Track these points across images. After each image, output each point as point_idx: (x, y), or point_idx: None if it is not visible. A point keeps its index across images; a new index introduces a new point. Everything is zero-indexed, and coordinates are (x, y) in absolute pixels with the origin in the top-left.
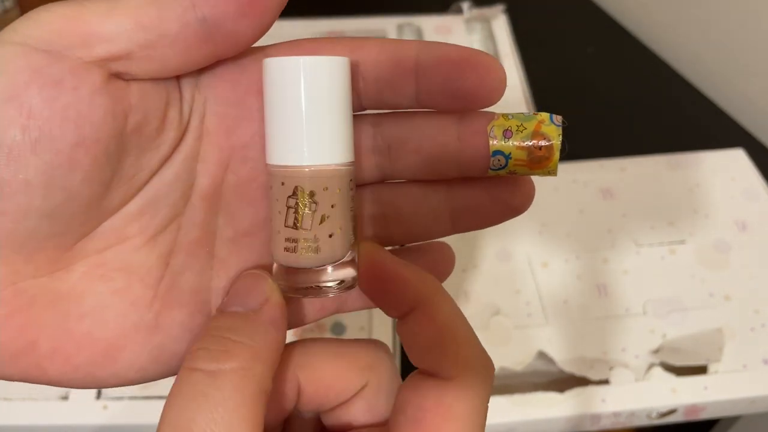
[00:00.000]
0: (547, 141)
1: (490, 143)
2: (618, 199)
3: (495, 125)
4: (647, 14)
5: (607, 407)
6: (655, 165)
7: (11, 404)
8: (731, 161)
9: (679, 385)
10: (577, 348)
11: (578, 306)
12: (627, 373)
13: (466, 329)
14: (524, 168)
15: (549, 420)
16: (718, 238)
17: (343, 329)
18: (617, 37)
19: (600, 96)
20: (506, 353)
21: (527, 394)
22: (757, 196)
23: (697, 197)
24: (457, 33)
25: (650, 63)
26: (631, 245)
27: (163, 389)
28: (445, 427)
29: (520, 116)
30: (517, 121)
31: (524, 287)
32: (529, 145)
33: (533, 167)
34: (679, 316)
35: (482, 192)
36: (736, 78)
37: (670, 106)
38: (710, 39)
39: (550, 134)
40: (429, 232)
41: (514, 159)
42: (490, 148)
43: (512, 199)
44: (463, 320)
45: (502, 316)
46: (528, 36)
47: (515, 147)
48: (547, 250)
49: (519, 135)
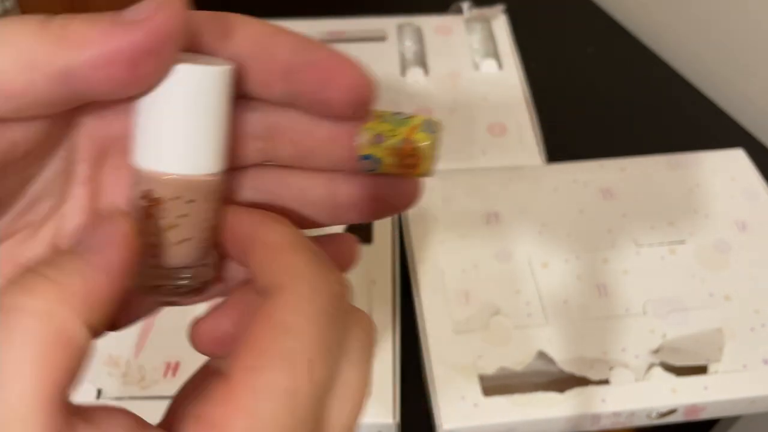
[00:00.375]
0: (417, 147)
1: (361, 147)
2: (618, 199)
3: (367, 128)
4: (647, 14)
5: (607, 407)
6: (655, 165)
7: None
8: (731, 161)
9: (679, 385)
10: (577, 348)
11: (578, 306)
12: (627, 373)
13: (298, 242)
14: (397, 170)
15: (549, 420)
16: (718, 238)
17: None
18: (617, 37)
19: (600, 96)
20: (506, 353)
21: (527, 394)
22: (757, 196)
23: (697, 197)
24: (457, 33)
25: (650, 63)
26: (631, 245)
27: (164, 389)
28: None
29: (395, 119)
30: (390, 125)
31: (524, 287)
32: (398, 149)
33: (404, 171)
34: (679, 316)
35: (361, 188)
36: (736, 78)
37: (670, 106)
38: (710, 39)
39: (419, 140)
40: (310, 221)
41: (384, 163)
42: (361, 151)
43: (392, 197)
44: (296, 237)
45: (502, 316)
46: (528, 36)
47: (385, 152)
48: (547, 250)
49: (390, 140)
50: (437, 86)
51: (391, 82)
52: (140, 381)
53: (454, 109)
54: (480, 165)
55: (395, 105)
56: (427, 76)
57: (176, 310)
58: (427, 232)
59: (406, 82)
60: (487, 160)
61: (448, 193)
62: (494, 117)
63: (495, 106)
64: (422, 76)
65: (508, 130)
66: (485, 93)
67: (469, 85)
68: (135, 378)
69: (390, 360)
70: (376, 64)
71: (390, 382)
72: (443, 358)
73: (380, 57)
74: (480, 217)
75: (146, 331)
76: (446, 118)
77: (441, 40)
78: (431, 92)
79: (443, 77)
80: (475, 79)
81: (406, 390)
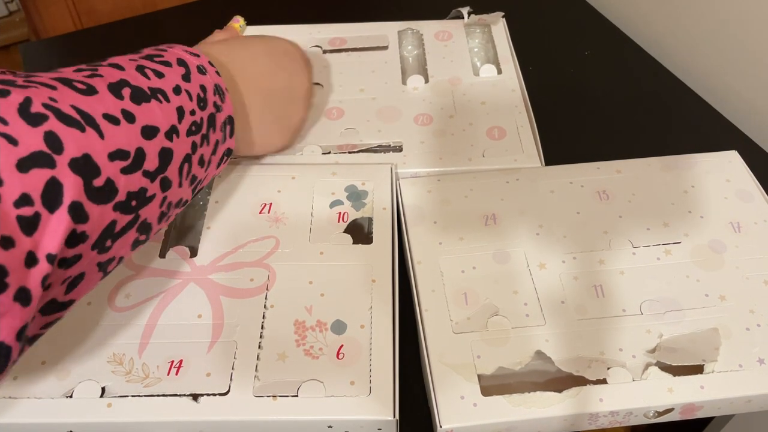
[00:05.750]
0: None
1: None
2: (614, 201)
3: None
4: (644, 18)
5: (605, 406)
6: (651, 167)
7: (16, 402)
8: (725, 163)
9: (675, 384)
10: (574, 348)
11: (575, 306)
12: (624, 373)
13: None
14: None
15: (547, 419)
16: (714, 238)
17: (344, 327)
18: (614, 40)
19: (596, 99)
20: (505, 353)
21: (525, 393)
22: (752, 197)
23: (692, 198)
24: (458, 38)
25: (646, 66)
26: (628, 246)
27: (167, 387)
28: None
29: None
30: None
31: (522, 288)
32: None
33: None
34: (675, 316)
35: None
36: (731, 80)
37: (666, 108)
38: (705, 42)
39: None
40: None
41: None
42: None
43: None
44: None
45: (501, 317)
46: (525, 39)
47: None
48: (545, 251)
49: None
50: (437, 91)
51: (392, 89)
52: (144, 379)
53: (453, 114)
54: (479, 168)
55: (396, 111)
56: (427, 82)
57: (180, 310)
58: (426, 234)
59: (407, 88)
60: (486, 163)
61: (446, 195)
62: (493, 121)
63: (494, 110)
64: (422, 83)
65: (507, 133)
66: (484, 97)
67: (468, 90)
68: (139, 376)
69: (390, 359)
70: (377, 70)
71: (390, 381)
72: (442, 358)
73: (382, 62)
74: (478, 219)
75: (150, 329)
76: (446, 123)
77: (441, 46)
78: (431, 98)
79: (443, 82)
80: (474, 84)
81: (406, 390)
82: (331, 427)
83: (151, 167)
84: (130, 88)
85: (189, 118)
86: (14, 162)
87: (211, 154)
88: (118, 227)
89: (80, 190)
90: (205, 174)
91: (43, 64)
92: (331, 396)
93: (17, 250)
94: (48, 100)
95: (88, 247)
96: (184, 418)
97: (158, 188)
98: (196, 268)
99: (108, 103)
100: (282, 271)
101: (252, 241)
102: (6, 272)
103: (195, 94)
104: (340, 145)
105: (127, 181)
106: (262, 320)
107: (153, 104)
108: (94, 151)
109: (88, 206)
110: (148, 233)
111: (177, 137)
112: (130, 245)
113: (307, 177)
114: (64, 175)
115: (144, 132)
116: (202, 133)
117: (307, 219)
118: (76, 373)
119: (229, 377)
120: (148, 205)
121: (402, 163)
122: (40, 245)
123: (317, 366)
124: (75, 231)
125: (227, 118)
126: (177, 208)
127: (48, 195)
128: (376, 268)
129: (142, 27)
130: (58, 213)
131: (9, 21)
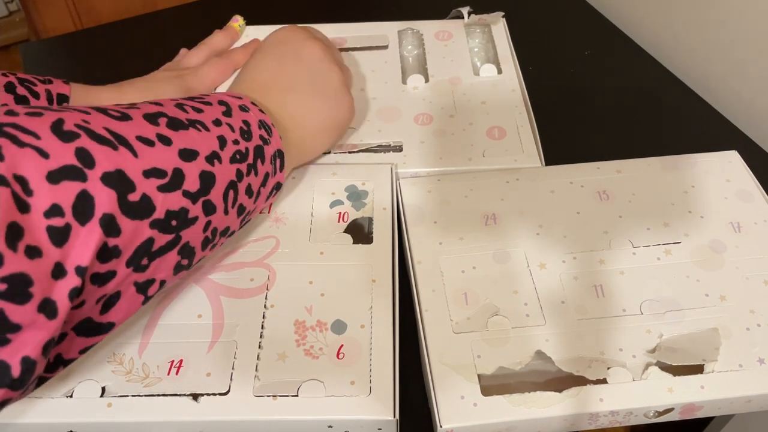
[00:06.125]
0: None
1: None
2: (614, 201)
3: None
4: (644, 18)
5: (605, 406)
6: (651, 167)
7: (16, 402)
8: (725, 163)
9: (675, 384)
10: (574, 348)
11: (576, 306)
12: (624, 373)
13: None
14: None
15: (547, 419)
16: (714, 238)
17: (344, 327)
18: (614, 40)
19: (596, 99)
20: (505, 353)
21: (526, 393)
22: (752, 197)
23: (692, 198)
24: (458, 38)
25: (646, 66)
26: (628, 246)
27: (167, 387)
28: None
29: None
30: None
31: (522, 288)
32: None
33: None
34: (675, 316)
35: None
36: (731, 80)
37: (666, 108)
38: (705, 41)
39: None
40: None
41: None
42: None
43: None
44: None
45: (501, 317)
46: (526, 39)
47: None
48: (545, 251)
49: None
50: (437, 91)
51: (392, 88)
52: (144, 379)
53: (453, 114)
54: (479, 168)
55: (396, 111)
56: (427, 82)
57: (180, 309)
58: (427, 234)
59: (407, 87)
60: (487, 163)
61: (446, 195)
62: (493, 121)
63: (494, 110)
64: (422, 82)
65: (507, 133)
66: (485, 97)
67: (468, 90)
68: (139, 376)
69: (390, 359)
70: (378, 70)
71: (390, 381)
72: (442, 358)
73: (382, 62)
74: (478, 219)
75: (150, 328)
76: (446, 122)
77: (441, 45)
78: (432, 97)
79: (443, 82)
80: (474, 84)
81: (406, 390)
82: (331, 427)
83: (191, 188)
84: (166, 118)
85: (232, 146)
86: (44, 173)
87: (260, 186)
88: (155, 246)
89: (114, 202)
90: (254, 206)
91: (43, 64)
92: (332, 396)
93: (44, 261)
94: (81, 121)
95: (123, 264)
96: (184, 418)
97: (201, 211)
98: (196, 268)
99: (142, 128)
100: (282, 271)
101: (252, 241)
102: (31, 282)
103: (237, 127)
104: (340, 145)
105: (165, 199)
106: (262, 320)
107: (191, 131)
108: (128, 167)
109: (120, 220)
110: (191, 259)
111: (219, 163)
112: (171, 268)
113: (307, 177)
114: (96, 189)
115: (181, 154)
116: (248, 163)
117: (307, 219)
118: (76, 373)
119: (230, 377)
120: (190, 227)
121: (402, 163)
122: (70, 257)
123: (317, 366)
124: (107, 245)
125: (276, 152)
126: (223, 237)
127: (79, 207)
128: (376, 268)
129: (142, 27)
130: (89, 225)
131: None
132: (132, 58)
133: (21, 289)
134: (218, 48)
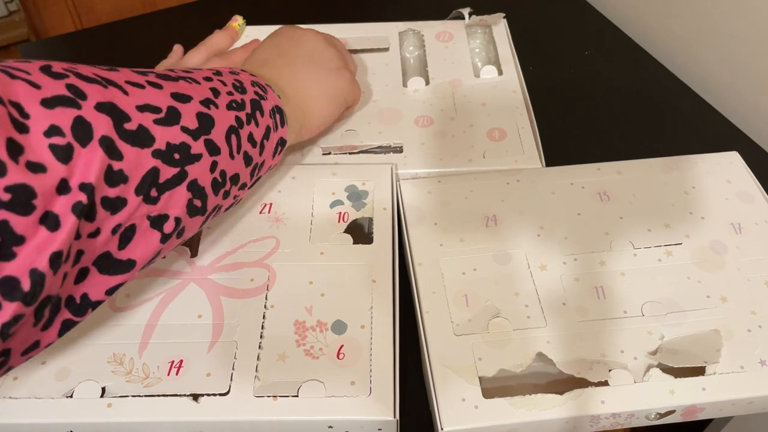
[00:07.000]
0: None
1: None
2: (615, 202)
3: None
4: (644, 18)
5: (606, 408)
6: (651, 168)
7: (16, 402)
8: (726, 163)
9: (677, 386)
10: (576, 350)
11: (577, 308)
12: (626, 375)
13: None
14: None
15: (549, 421)
16: (714, 239)
17: (344, 327)
18: (614, 40)
19: (597, 99)
20: (506, 355)
21: (527, 395)
22: (753, 198)
23: (693, 199)
24: (459, 39)
25: (647, 66)
26: (629, 247)
27: (168, 388)
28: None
29: None
30: None
31: (523, 289)
32: None
33: None
34: (676, 318)
35: None
36: (732, 81)
37: (666, 109)
38: (706, 42)
39: None
40: None
41: None
42: None
43: None
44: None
45: (502, 319)
46: (526, 40)
47: None
48: (546, 252)
49: None
50: (438, 94)
51: (392, 91)
52: (144, 379)
53: (454, 115)
54: (480, 169)
55: (397, 113)
56: (428, 84)
57: (180, 310)
58: (427, 235)
59: (407, 90)
60: (487, 164)
61: (447, 196)
62: (494, 122)
63: (495, 111)
64: (423, 85)
65: (508, 134)
66: (485, 99)
67: (469, 91)
68: (139, 376)
69: (390, 359)
70: (378, 73)
71: (390, 381)
72: (443, 360)
73: (383, 64)
74: (479, 220)
75: (150, 329)
76: (447, 124)
77: (442, 47)
78: (432, 100)
79: (444, 84)
80: (475, 85)
81: (406, 391)
82: (331, 427)
83: (190, 126)
84: (154, 74)
85: (226, 96)
86: (38, 100)
87: (263, 138)
88: (162, 177)
89: (110, 127)
90: (260, 158)
91: None
92: (332, 396)
93: (49, 176)
94: (68, 66)
95: (131, 191)
96: (184, 418)
97: (204, 149)
98: (196, 268)
99: (131, 76)
100: (282, 271)
101: (252, 241)
102: (34, 194)
103: (230, 83)
104: (340, 146)
105: (163, 132)
106: (262, 320)
107: (181, 82)
108: (120, 102)
109: (120, 145)
110: (204, 201)
111: (216, 108)
112: (184, 206)
113: (307, 177)
114: (91, 116)
115: (174, 96)
116: (246, 112)
117: (307, 219)
118: (76, 373)
119: (230, 377)
120: (195, 164)
121: (402, 164)
122: (75, 175)
123: (317, 366)
124: (111, 167)
125: (275, 107)
126: (235, 186)
127: (77, 130)
128: (376, 269)
129: (142, 27)
130: (90, 146)
131: (9, 21)
132: (132, 58)
133: (24, 201)
134: (218, 48)
